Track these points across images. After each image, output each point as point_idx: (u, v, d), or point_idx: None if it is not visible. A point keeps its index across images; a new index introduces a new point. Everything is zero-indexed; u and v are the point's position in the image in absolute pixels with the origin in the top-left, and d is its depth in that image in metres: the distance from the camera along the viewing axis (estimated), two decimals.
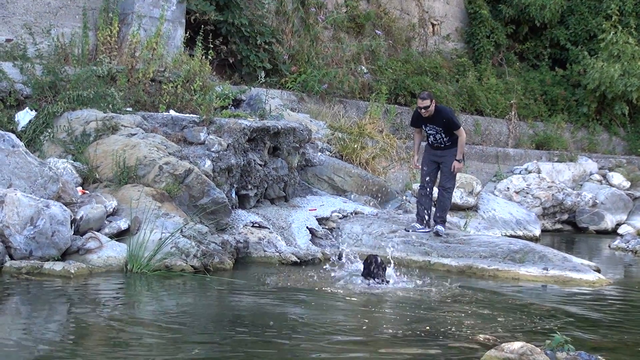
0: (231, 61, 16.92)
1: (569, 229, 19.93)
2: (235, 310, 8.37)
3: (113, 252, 9.83)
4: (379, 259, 10.46)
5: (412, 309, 9.01)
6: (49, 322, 7.29)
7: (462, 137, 12.75)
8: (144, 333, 7.09)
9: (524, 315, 8.82)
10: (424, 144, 13.14)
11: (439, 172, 12.98)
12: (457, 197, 16.55)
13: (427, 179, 12.99)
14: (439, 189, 13.06)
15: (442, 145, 12.74)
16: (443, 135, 12.68)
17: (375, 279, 10.29)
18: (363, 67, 20.16)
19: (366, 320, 8.20)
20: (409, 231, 12.84)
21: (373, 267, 10.34)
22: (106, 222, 10.28)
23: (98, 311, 7.75)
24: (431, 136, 12.80)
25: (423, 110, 12.54)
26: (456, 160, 12.71)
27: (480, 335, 7.46)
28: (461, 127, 12.82)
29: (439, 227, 12.86)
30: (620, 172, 22.39)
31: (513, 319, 8.59)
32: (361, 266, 10.68)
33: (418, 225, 12.94)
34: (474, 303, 9.47)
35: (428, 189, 12.98)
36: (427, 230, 12.87)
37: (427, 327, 7.95)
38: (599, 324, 8.67)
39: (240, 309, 8.46)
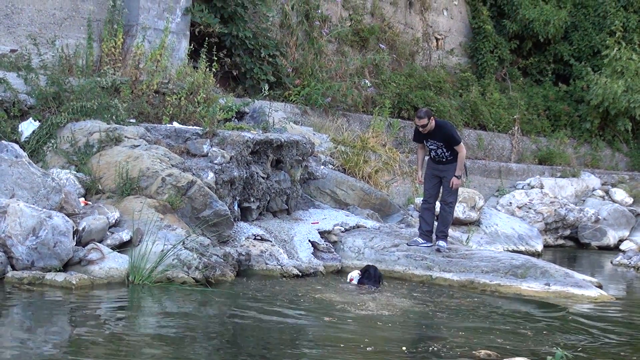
0: (235, 74, 16.94)
1: (571, 245, 19.92)
2: (236, 324, 8.37)
3: (115, 263, 9.82)
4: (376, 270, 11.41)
5: (412, 323, 9.01)
6: (49, 334, 7.29)
7: (462, 153, 12.76)
8: (144, 346, 7.09)
9: (525, 330, 8.82)
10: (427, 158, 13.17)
11: (441, 187, 13.00)
12: (460, 211, 16.56)
13: (430, 193, 13.01)
14: (440, 204, 13.06)
15: (444, 160, 12.76)
16: (444, 150, 12.70)
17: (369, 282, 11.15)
18: (367, 81, 20.18)
19: (365, 336, 8.19)
20: (411, 246, 12.84)
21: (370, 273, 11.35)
22: (108, 234, 10.28)
23: (98, 323, 7.75)
24: (433, 151, 12.83)
25: (421, 128, 12.59)
26: (455, 176, 12.72)
27: (482, 351, 7.45)
28: (461, 143, 12.82)
29: (441, 243, 12.86)
30: (623, 188, 22.38)
31: (514, 334, 8.58)
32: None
33: (420, 240, 12.93)
34: (475, 318, 9.47)
35: (431, 204, 13.00)
36: (429, 245, 12.87)
37: (428, 342, 7.95)
38: (600, 340, 8.66)
39: (242, 322, 8.45)
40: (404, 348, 7.67)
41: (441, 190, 13.02)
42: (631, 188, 22.55)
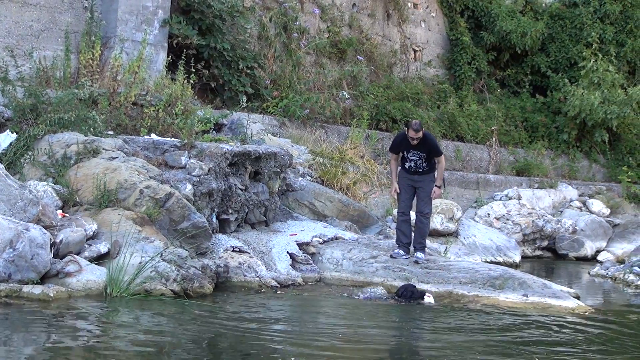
0: (213, 85, 16.93)
1: (549, 256, 19.98)
2: (214, 336, 8.35)
3: (93, 275, 9.79)
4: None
5: (390, 334, 9.03)
6: (25, 348, 7.25)
7: (442, 164, 12.87)
8: (122, 359, 7.06)
9: (503, 342, 8.84)
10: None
11: (416, 198, 13.04)
12: (438, 222, 16.60)
13: (406, 204, 13.04)
14: (416, 215, 13.08)
15: (421, 171, 12.84)
16: (424, 161, 12.77)
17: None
18: (345, 93, 20.21)
19: (344, 350, 8.19)
20: (395, 258, 12.81)
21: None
22: (86, 246, 10.24)
23: (75, 336, 7.72)
24: (412, 162, 12.86)
25: (415, 141, 12.64)
26: (436, 186, 12.81)
27: None
28: (442, 154, 12.93)
29: (419, 255, 12.87)
30: (600, 199, 22.48)
31: (492, 346, 8.60)
32: None
33: (401, 252, 12.92)
34: (453, 330, 9.49)
35: (407, 215, 13.03)
36: (408, 257, 12.89)
37: (405, 355, 7.96)
38: (577, 351, 8.69)
39: (219, 334, 8.44)
40: (404, 355, 7.69)
41: (416, 201, 13.06)
42: (608, 199, 22.66)
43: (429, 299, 11.26)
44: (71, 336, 7.68)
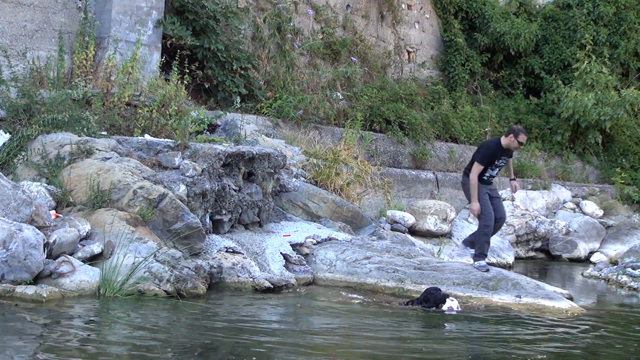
0: (207, 86, 16.91)
1: (542, 257, 19.98)
2: (207, 337, 8.34)
3: (86, 276, 9.77)
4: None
5: (383, 335, 9.02)
6: (17, 348, 7.24)
7: None
8: (114, 359, 7.06)
9: (496, 343, 8.84)
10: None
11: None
12: (431, 224, 16.62)
13: (492, 216, 12.73)
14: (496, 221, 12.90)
15: (494, 178, 12.78)
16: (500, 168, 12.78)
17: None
18: (338, 94, 20.19)
19: (341, 351, 8.19)
20: (484, 270, 12.51)
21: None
22: (79, 246, 10.23)
23: (68, 337, 7.71)
24: (495, 170, 12.64)
25: (523, 145, 12.76)
26: (512, 179, 13.56)
27: None
28: None
29: (481, 262, 12.78)
30: (594, 200, 22.52)
31: (485, 347, 8.61)
32: None
33: (483, 262, 12.65)
34: (449, 333, 9.49)
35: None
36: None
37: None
38: (571, 352, 8.70)
39: (212, 335, 8.43)
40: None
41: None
42: (601, 200, 22.69)
43: (451, 303, 10.96)
44: (64, 337, 7.67)
